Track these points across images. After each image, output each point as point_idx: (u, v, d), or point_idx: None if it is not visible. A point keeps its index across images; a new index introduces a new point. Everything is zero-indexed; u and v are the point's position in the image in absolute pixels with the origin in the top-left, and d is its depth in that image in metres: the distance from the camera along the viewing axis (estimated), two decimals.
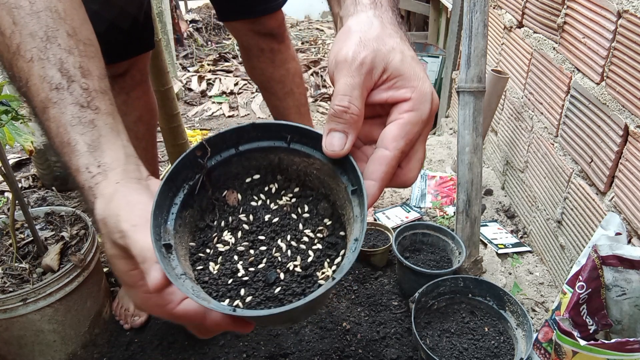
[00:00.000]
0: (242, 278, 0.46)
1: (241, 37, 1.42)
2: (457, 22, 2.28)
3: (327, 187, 0.50)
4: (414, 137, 0.46)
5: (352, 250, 0.44)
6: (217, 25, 4.34)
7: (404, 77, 0.46)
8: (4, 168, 1.07)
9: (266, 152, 0.51)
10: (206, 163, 0.48)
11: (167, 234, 0.45)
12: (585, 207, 1.26)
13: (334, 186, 0.49)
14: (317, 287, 0.46)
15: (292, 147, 0.50)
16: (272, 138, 0.50)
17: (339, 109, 0.45)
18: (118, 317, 1.28)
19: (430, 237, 1.42)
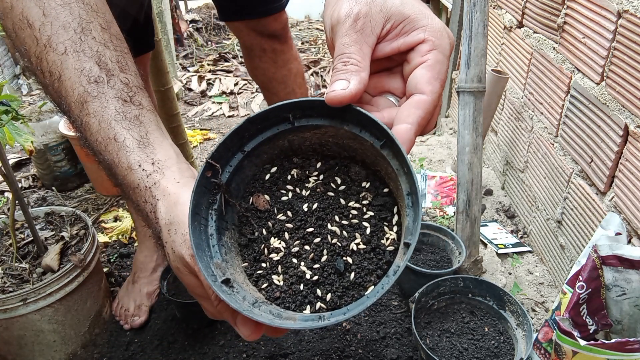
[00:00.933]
0: (312, 279, 0.44)
1: (243, 37, 1.42)
2: (457, 22, 2.28)
3: (349, 149, 0.47)
4: (445, 77, 0.42)
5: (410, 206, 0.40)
6: (217, 25, 4.34)
7: (410, 20, 0.42)
8: (4, 168, 1.07)
9: (273, 141, 0.47)
10: (220, 180, 0.45)
11: (219, 269, 0.42)
12: (585, 207, 1.26)
13: (357, 146, 0.46)
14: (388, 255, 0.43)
15: (297, 125, 0.46)
16: (273, 125, 0.46)
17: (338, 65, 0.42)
18: (118, 317, 1.28)
19: (430, 237, 1.42)
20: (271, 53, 1.42)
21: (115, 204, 1.83)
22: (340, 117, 0.43)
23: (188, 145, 1.85)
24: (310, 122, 0.45)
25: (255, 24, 1.33)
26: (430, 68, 0.42)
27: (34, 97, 3.08)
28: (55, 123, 1.83)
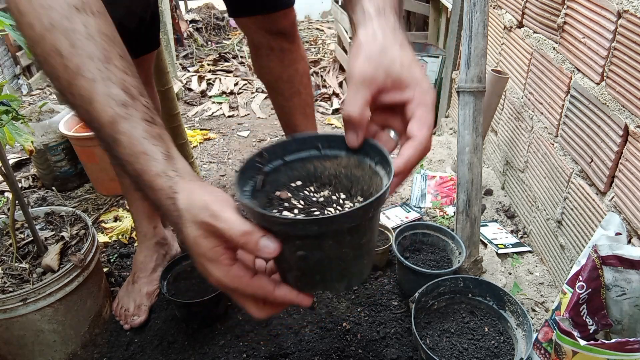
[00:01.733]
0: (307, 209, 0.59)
1: (252, 35, 1.41)
2: (457, 22, 2.28)
3: (355, 181, 0.62)
4: (431, 123, 0.59)
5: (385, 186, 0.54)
6: (217, 25, 4.34)
7: (405, 82, 0.59)
8: (4, 168, 1.07)
9: (304, 162, 0.64)
10: (264, 167, 0.61)
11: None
12: (585, 207, 1.26)
13: (360, 174, 0.61)
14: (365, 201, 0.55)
15: (323, 153, 0.63)
16: (307, 148, 0.63)
17: (345, 115, 0.59)
18: (118, 317, 1.28)
19: (430, 237, 1.42)
20: (279, 52, 1.42)
21: (115, 204, 1.83)
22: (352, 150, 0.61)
23: (188, 145, 1.85)
24: (331, 153, 0.63)
25: (264, 21, 1.32)
26: (419, 119, 0.59)
27: (34, 97, 3.08)
28: (55, 123, 1.83)
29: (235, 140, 2.42)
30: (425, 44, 2.99)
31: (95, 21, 0.59)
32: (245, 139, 2.43)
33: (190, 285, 1.27)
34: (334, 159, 0.63)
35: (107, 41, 0.59)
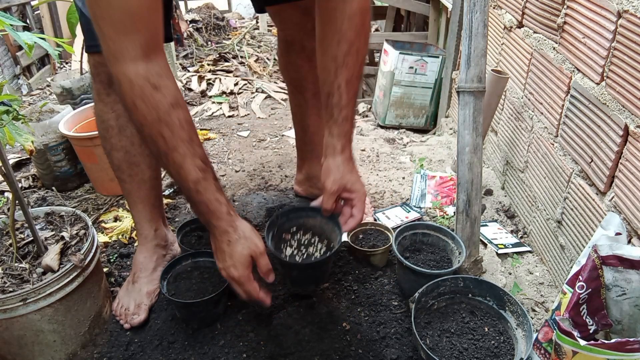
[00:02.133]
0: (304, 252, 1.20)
1: (287, 30, 1.42)
2: (457, 22, 2.28)
3: (324, 230, 1.21)
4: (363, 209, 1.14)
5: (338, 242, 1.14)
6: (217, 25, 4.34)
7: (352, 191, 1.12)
8: (4, 168, 1.07)
9: (298, 218, 1.23)
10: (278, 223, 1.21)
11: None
12: (585, 207, 1.26)
13: (326, 228, 1.20)
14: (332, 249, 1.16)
15: (309, 214, 1.22)
16: (302, 211, 1.24)
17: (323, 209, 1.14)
18: (118, 317, 1.28)
19: (430, 237, 1.42)
20: (310, 51, 1.41)
21: (115, 204, 1.83)
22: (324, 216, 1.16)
23: None
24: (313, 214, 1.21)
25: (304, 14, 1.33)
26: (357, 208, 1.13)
27: (34, 97, 3.08)
28: (55, 123, 1.83)
29: (235, 140, 2.42)
30: (425, 44, 2.99)
31: (182, 113, 0.90)
32: (245, 139, 2.43)
33: (190, 285, 1.27)
34: (314, 218, 1.21)
35: (190, 127, 0.92)
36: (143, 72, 0.85)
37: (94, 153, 1.79)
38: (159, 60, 0.88)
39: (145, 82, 0.85)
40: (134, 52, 0.84)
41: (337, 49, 1.05)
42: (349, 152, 1.12)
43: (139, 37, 0.84)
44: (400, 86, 2.73)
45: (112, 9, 0.81)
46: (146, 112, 0.87)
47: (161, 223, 1.40)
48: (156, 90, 0.86)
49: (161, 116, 0.87)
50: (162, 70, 0.88)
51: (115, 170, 1.30)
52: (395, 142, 2.38)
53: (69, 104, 2.20)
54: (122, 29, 0.83)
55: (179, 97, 0.90)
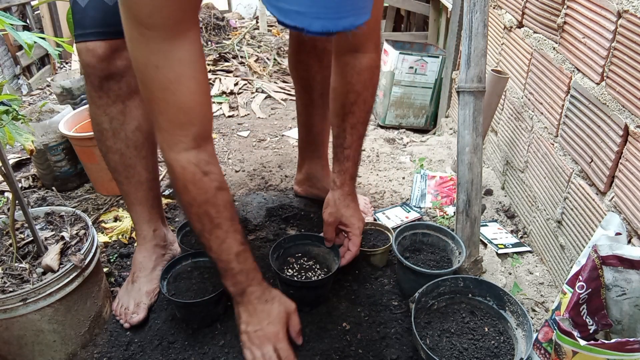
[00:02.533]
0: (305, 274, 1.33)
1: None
2: (457, 22, 2.29)
3: (326, 259, 1.36)
4: (359, 242, 1.29)
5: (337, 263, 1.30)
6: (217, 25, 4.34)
7: (347, 225, 1.28)
8: (4, 168, 1.07)
9: (304, 245, 1.38)
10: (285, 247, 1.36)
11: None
12: (585, 207, 1.26)
13: (328, 257, 1.36)
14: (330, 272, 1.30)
15: (313, 242, 1.38)
16: (307, 239, 1.39)
17: (325, 240, 1.34)
18: (118, 317, 1.28)
19: (430, 237, 1.42)
20: (320, 52, 1.45)
21: (115, 204, 1.83)
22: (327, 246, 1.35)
23: None
24: (318, 242, 1.37)
25: None
26: (353, 242, 1.29)
27: (34, 97, 3.08)
28: (55, 123, 1.83)
29: (235, 140, 2.42)
30: (425, 44, 2.99)
31: (227, 196, 1.02)
32: (245, 139, 2.43)
33: (190, 285, 1.27)
34: (318, 247, 1.37)
35: (232, 208, 1.03)
36: (194, 160, 0.96)
37: (94, 153, 1.79)
38: (208, 148, 0.99)
39: (196, 168, 0.97)
40: (187, 143, 0.95)
41: (346, 98, 1.20)
42: (347, 187, 1.27)
43: (192, 130, 0.95)
44: (400, 86, 2.73)
45: (169, 105, 0.92)
46: (196, 195, 0.98)
47: (160, 223, 1.40)
48: (205, 176, 0.98)
49: (209, 198, 0.99)
50: (210, 158, 1.00)
51: (112, 172, 1.30)
52: (395, 142, 2.38)
53: (69, 104, 2.20)
54: (177, 124, 0.94)
55: (223, 181, 1.02)
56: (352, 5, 0.64)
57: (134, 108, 1.22)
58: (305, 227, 1.63)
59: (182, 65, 0.89)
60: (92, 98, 1.20)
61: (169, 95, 0.91)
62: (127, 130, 1.22)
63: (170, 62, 0.88)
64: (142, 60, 0.89)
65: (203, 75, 0.94)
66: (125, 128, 1.22)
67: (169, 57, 0.87)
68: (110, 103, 1.19)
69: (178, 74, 0.89)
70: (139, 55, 0.89)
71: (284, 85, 3.24)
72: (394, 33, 3.50)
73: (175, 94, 0.91)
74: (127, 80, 1.18)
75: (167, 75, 0.89)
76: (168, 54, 0.87)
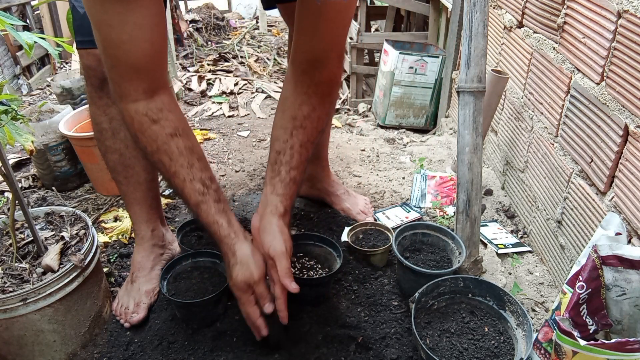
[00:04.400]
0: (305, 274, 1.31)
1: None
2: (457, 22, 2.29)
3: (327, 259, 1.35)
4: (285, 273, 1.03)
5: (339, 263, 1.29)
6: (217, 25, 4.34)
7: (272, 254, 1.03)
8: (4, 168, 1.07)
9: (305, 245, 1.37)
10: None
11: None
12: (585, 207, 1.26)
13: (329, 257, 1.35)
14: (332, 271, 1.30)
15: (316, 243, 1.37)
16: (309, 239, 1.38)
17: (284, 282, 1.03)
18: (118, 316, 1.28)
19: (430, 237, 1.42)
20: None
21: (115, 204, 1.83)
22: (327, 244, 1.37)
23: None
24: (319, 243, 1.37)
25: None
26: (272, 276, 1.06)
27: (34, 97, 3.08)
28: (55, 123, 1.83)
29: (235, 140, 2.42)
30: (425, 44, 2.99)
31: (183, 141, 0.98)
32: (245, 139, 2.43)
33: (190, 285, 1.27)
34: (319, 247, 1.37)
35: (189, 153, 0.98)
36: (143, 109, 0.95)
37: (94, 153, 1.79)
38: (161, 96, 0.97)
39: (143, 117, 0.95)
40: (136, 95, 0.94)
41: (298, 110, 1.06)
42: (288, 217, 1.08)
43: (141, 84, 0.93)
44: (400, 86, 2.73)
45: (120, 62, 0.91)
46: (146, 143, 0.97)
47: (159, 223, 1.40)
48: (154, 123, 0.96)
49: (160, 146, 0.96)
50: (165, 104, 0.97)
51: (111, 172, 1.30)
52: (395, 142, 2.38)
53: (69, 104, 2.20)
54: (127, 78, 0.92)
55: (180, 127, 0.98)
56: None
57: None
58: (305, 227, 1.63)
59: (137, 28, 0.86)
60: (92, 98, 1.21)
61: (121, 54, 0.89)
62: (126, 131, 1.22)
63: (124, 24, 0.85)
64: (97, 17, 0.87)
65: (160, 37, 0.93)
66: (125, 128, 1.22)
67: (123, 19, 0.85)
68: (110, 103, 1.20)
69: (132, 36, 0.87)
70: (94, 12, 0.87)
71: None
72: (394, 33, 3.49)
73: (128, 53, 0.89)
74: None
75: (120, 36, 0.86)
76: (122, 15, 0.84)
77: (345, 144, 2.31)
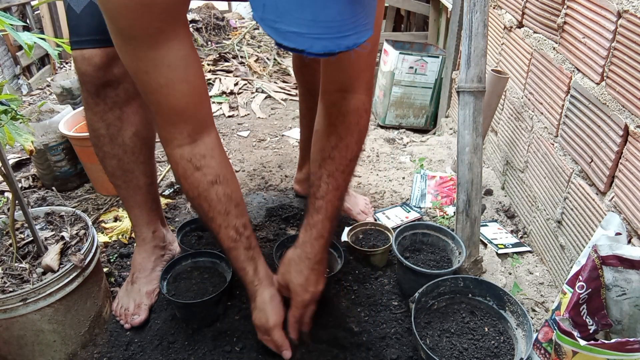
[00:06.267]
0: None
1: None
2: (457, 22, 2.29)
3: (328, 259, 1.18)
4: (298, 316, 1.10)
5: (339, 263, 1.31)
6: (217, 25, 4.34)
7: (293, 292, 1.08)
8: (4, 168, 1.07)
9: None
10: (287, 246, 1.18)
11: None
12: (585, 207, 1.26)
13: (330, 257, 1.30)
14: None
15: None
16: None
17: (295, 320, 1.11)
18: (118, 317, 1.28)
19: (430, 237, 1.42)
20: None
21: (115, 204, 1.83)
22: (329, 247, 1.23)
23: None
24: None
25: None
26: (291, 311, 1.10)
27: (34, 97, 3.08)
28: (55, 123, 1.83)
29: (235, 140, 2.42)
30: (425, 44, 2.99)
31: (222, 189, 1.01)
32: (245, 139, 2.43)
33: (190, 286, 1.27)
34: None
35: (227, 200, 1.02)
36: (187, 155, 0.98)
37: (94, 153, 1.79)
38: (205, 140, 0.99)
39: (188, 163, 0.99)
40: (181, 139, 0.97)
41: (327, 141, 1.06)
42: (310, 248, 1.06)
43: (185, 127, 0.96)
44: (400, 86, 2.73)
45: (161, 107, 0.93)
46: (188, 189, 1.02)
47: (159, 225, 1.39)
48: (197, 171, 0.99)
49: (200, 193, 1.01)
50: (208, 150, 1.00)
51: (110, 177, 1.29)
52: (395, 142, 2.38)
53: (69, 104, 2.20)
54: (171, 123, 0.95)
55: (221, 174, 1.02)
56: (354, 22, 0.61)
57: (131, 114, 1.20)
58: None
59: (172, 70, 0.89)
60: (89, 105, 1.18)
61: (162, 98, 0.92)
62: (124, 136, 1.21)
63: (159, 68, 0.88)
64: (132, 66, 0.90)
65: (196, 77, 0.94)
66: (123, 134, 1.21)
67: (157, 63, 0.87)
68: (107, 110, 1.17)
69: (168, 79, 0.89)
70: (129, 62, 0.90)
71: (284, 85, 3.24)
72: (394, 33, 3.49)
73: (168, 97, 0.91)
74: (124, 86, 1.16)
75: (158, 80, 0.89)
76: (156, 60, 0.87)
77: None
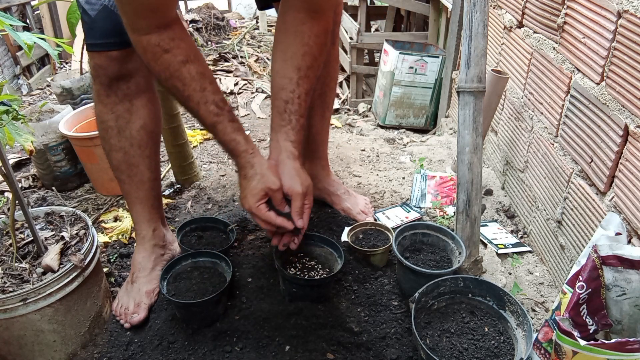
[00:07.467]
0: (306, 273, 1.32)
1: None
2: (457, 22, 2.29)
3: (328, 259, 1.35)
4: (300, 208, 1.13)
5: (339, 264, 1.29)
6: (217, 25, 4.34)
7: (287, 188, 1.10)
8: (4, 168, 1.07)
9: (306, 245, 1.36)
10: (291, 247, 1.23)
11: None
12: (585, 207, 1.26)
13: (330, 257, 1.35)
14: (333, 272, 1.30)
15: (317, 243, 1.37)
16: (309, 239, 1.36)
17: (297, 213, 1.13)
18: (118, 317, 1.28)
19: (430, 237, 1.42)
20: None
21: (115, 204, 1.83)
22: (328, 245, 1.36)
23: (188, 145, 1.85)
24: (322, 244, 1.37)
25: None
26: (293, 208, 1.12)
27: (34, 97, 3.08)
28: (55, 123, 1.83)
29: None
30: (425, 44, 2.99)
31: (194, 67, 1.01)
32: None
33: (190, 286, 1.27)
34: (321, 248, 1.36)
35: (201, 77, 1.02)
36: (155, 40, 0.98)
37: (94, 153, 1.79)
38: (173, 28, 1.00)
39: (156, 47, 0.99)
40: (148, 29, 0.98)
41: (302, 60, 1.11)
42: (301, 161, 1.18)
43: (154, 21, 0.97)
44: (400, 86, 2.73)
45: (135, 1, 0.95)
46: (160, 71, 1.01)
47: (160, 223, 1.40)
48: (166, 52, 0.99)
49: (172, 73, 1.01)
50: (176, 34, 1.00)
51: (115, 171, 1.30)
52: (395, 142, 2.38)
53: (69, 104, 2.20)
54: (141, 15, 0.96)
55: (190, 54, 1.01)
56: None
57: (140, 107, 1.24)
58: None
59: None
60: (100, 96, 1.21)
61: None
62: (132, 129, 1.24)
63: None
64: None
65: None
66: (131, 126, 1.23)
67: None
68: (118, 101, 1.21)
69: None
70: None
71: None
72: (394, 33, 3.50)
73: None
74: (136, 80, 1.20)
75: None
76: None
77: (345, 144, 2.31)
